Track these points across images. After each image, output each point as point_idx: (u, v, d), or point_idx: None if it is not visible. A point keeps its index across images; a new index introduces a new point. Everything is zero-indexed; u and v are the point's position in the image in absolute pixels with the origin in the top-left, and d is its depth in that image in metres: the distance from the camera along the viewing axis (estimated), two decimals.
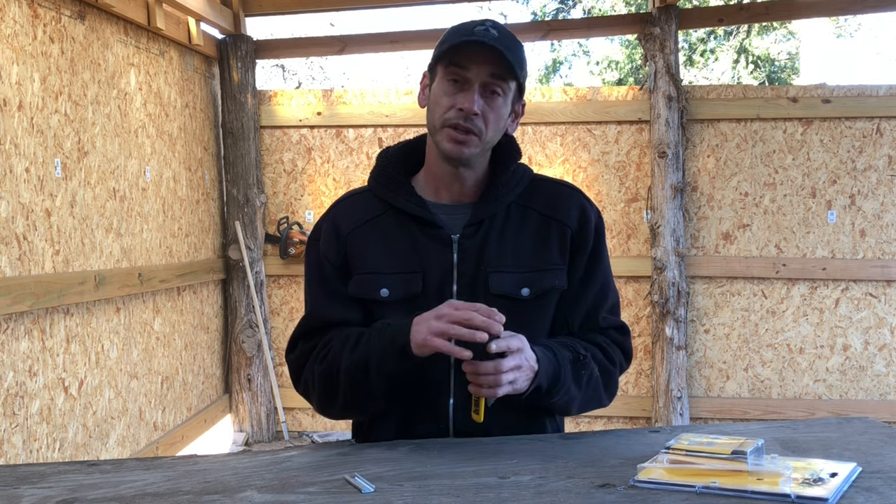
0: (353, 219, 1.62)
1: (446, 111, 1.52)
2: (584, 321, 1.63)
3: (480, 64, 1.49)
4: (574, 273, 1.62)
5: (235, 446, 5.06)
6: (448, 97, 1.52)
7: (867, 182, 4.86)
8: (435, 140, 1.56)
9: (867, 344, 4.90)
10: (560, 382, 1.49)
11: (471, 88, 1.50)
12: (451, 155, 1.54)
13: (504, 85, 1.52)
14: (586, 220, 1.62)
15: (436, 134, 1.55)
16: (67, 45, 3.37)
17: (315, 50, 6.23)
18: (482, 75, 1.50)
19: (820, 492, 1.11)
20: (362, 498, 1.19)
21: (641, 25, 4.96)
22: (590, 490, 1.19)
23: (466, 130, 1.51)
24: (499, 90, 1.52)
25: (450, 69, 1.51)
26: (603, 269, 1.65)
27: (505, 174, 1.61)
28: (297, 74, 12.09)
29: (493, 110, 1.52)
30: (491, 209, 1.59)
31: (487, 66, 1.50)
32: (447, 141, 1.53)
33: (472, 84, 1.50)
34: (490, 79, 1.50)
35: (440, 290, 1.55)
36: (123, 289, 3.71)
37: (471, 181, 1.60)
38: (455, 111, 1.51)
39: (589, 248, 1.63)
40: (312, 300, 1.64)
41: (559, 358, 1.50)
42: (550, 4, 12.69)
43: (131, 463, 1.43)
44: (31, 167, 3.07)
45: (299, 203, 5.26)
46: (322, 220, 1.67)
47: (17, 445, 2.96)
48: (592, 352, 1.58)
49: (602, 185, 5.02)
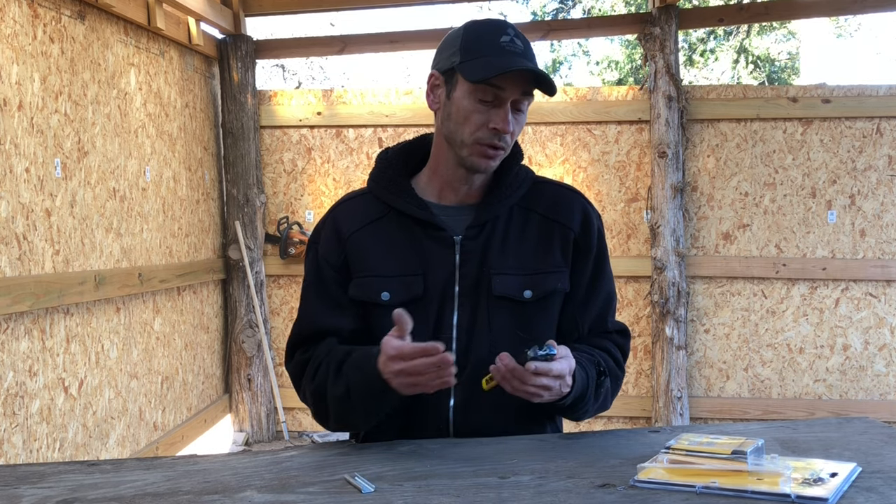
0: (354, 221, 1.61)
1: (478, 129, 1.51)
2: (593, 326, 1.64)
3: (514, 84, 1.49)
4: (581, 277, 1.62)
5: (235, 446, 5.06)
6: (480, 115, 1.51)
7: (867, 182, 4.86)
8: (459, 152, 1.55)
9: (867, 344, 4.90)
10: (583, 402, 1.51)
11: (503, 106, 1.50)
12: (478, 169, 1.55)
13: (530, 99, 1.54)
14: (589, 224, 1.63)
15: (462, 148, 1.54)
16: (67, 45, 3.37)
17: (315, 50, 6.23)
18: (515, 93, 1.50)
19: (820, 492, 1.11)
20: (362, 498, 1.19)
21: (641, 25, 4.96)
22: (590, 490, 1.19)
23: (498, 148, 1.53)
24: (526, 104, 1.54)
25: (482, 88, 1.49)
26: (608, 272, 1.67)
27: (508, 176, 1.61)
28: (297, 74, 12.09)
29: (519, 125, 1.55)
30: (494, 211, 1.58)
31: (521, 85, 1.50)
32: (477, 156, 1.53)
33: (504, 102, 1.50)
34: (521, 96, 1.51)
35: (442, 291, 1.55)
36: (123, 289, 3.71)
37: (478, 184, 1.61)
38: (488, 130, 1.51)
39: (594, 251, 1.63)
40: (305, 305, 1.64)
41: (589, 378, 1.51)
42: (550, 4, 12.69)
43: (131, 463, 1.43)
44: (31, 167, 3.07)
45: (299, 203, 5.26)
46: (322, 223, 1.66)
47: (17, 445, 2.96)
48: (608, 363, 1.59)
49: (602, 185, 5.02)
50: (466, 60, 1.50)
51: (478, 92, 1.50)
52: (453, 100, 1.53)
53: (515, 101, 1.51)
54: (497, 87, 1.49)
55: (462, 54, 1.51)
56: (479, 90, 1.49)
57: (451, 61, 1.53)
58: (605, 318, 1.65)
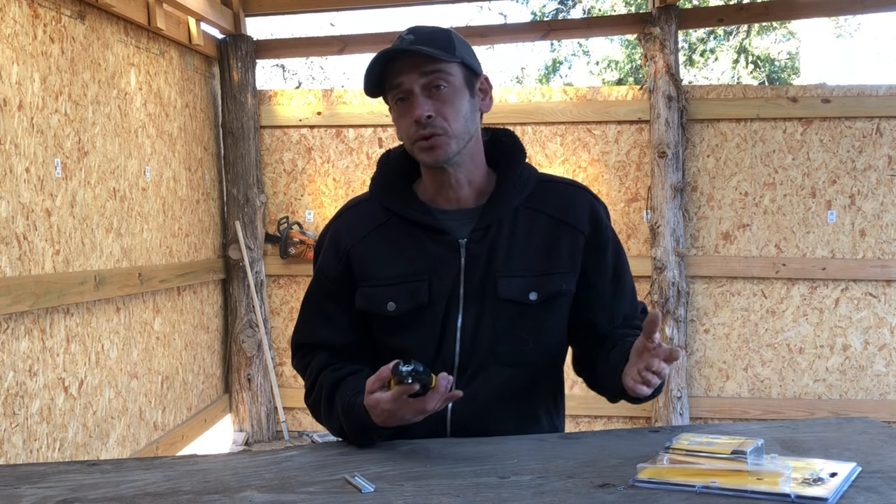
0: (356, 231, 1.62)
1: (407, 130, 1.53)
2: (627, 314, 1.66)
3: (408, 72, 1.49)
4: (604, 273, 1.63)
5: (235, 446, 5.06)
6: (403, 117, 1.53)
7: (867, 182, 4.86)
8: (416, 158, 1.57)
9: (867, 344, 4.90)
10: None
11: (413, 97, 1.50)
12: (430, 163, 1.55)
13: (441, 75, 1.50)
14: (598, 220, 1.62)
15: (413, 154, 1.57)
16: (67, 45, 3.37)
17: (315, 50, 6.23)
18: (414, 80, 1.49)
19: (820, 492, 1.12)
20: (362, 498, 1.19)
21: (641, 25, 4.96)
22: (590, 490, 1.19)
23: (430, 135, 1.51)
24: (441, 83, 1.50)
25: (390, 93, 1.53)
26: (626, 261, 1.68)
27: (511, 177, 1.60)
28: (297, 74, 12.09)
29: (445, 102, 1.51)
30: (498, 213, 1.58)
31: (414, 70, 1.49)
32: (421, 153, 1.54)
33: (412, 93, 1.50)
34: (423, 78, 1.49)
35: (447, 295, 1.55)
36: (123, 289, 3.71)
37: (466, 183, 1.59)
38: (412, 125, 1.51)
39: (609, 245, 1.63)
40: (301, 314, 1.69)
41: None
42: (550, 4, 12.68)
43: (131, 463, 1.43)
44: (31, 167, 3.07)
45: (299, 203, 5.26)
46: (325, 233, 1.68)
47: (17, 445, 2.96)
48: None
49: (602, 185, 5.02)
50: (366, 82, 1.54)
51: (392, 99, 1.54)
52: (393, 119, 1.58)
53: (426, 86, 1.50)
54: (394, 86, 1.51)
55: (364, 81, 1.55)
56: (390, 96, 1.54)
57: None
58: (636, 307, 1.67)
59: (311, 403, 1.63)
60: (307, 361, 1.65)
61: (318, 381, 1.61)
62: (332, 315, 1.63)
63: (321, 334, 1.63)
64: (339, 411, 1.52)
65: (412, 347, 1.55)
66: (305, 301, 1.68)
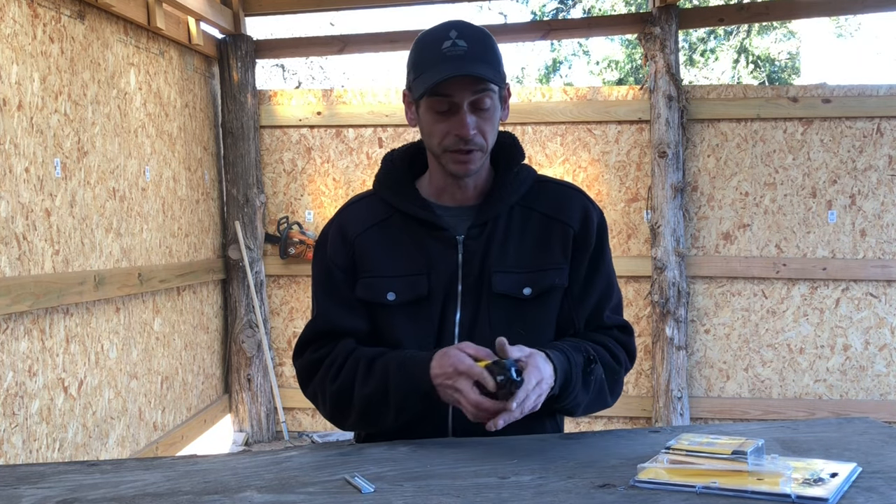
0: (360, 223, 1.64)
1: (443, 138, 1.53)
2: (589, 320, 1.65)
3: (462, 89, 1.49)
4: (578, 272, 1.63)
5: (235, 446, 5.06)
6: (441, 124, 1.52)
7: (867, 182, 4.86)
8: (440, 161, 1.57)
9: (867, 344, 4.89)
10: (570, 388, 1.51)
11: (460, 111, 1.50)
12: (461, 175, 1.56)
13: (488, 93, 1.51)
14: (588, 220, 1.64)
15: (439, 157, 1.56)
16: (67, 45, 3.37)
17: (315, 50, 6.23)
18: (466, 96, 1.49)
19: (820, 492, 1.11)
20: (362, 498, 1.19)
21: (641, 25, 4.96)
22: (590, 490, 1.19)
23: (468, 151, 1.52)
24: (486, 100, 1.51)
25: (432, 98, 1.51)
26: (606, 268, 1.67)
27: (508, 176, 1.63)
28: (297, 74, 12.10)
29: (487, 120, 1.53)
30: (495, 211, 1.60)
31: (469, 86, 1.49)
32: (452, 164, 1.54)
33: (459, 108, 1.50)
34: (473, 95, 1.50)
35: (446, 290, 1.58)
36: (123, 289, 3.71)
37: (473, 184, 1.62)
38: (452, 138, 1.51)
39: (591, 247, 1.64)
40: (319, 306, 1.66)
41: (572, 364, 1.51)
42: (550, 4, 12.69)
43: (131, 463, 1.43)
44: (30, 167, 3.07)
45: (299, 203, 5.26)
46: (328, 226, 1.68)
47: (17, 445, 2.96)
48: (600, 353, 1.59)
49: (602, 185, 5.02)
50: (416, 77, 1.53)
51: (433, 104, 1.51)
52: (420, 115, 1.57)
53: (473, 102, 1.50)
54: (446, 96, 1.49)
55: (413, 71, 1.54)
56: (434, 102, 1.51)
57: (409, 79, 1.56)
58: (602, 313, 1.65)
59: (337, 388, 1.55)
60: (328, 351, 1.60)
61: (352, 357, 1.56)
62: (352, 303, 1.61)
63: (347, 321, 1.61)
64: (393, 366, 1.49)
65: (411, 341, 1.56)
66: (318, 292, 1.66)
